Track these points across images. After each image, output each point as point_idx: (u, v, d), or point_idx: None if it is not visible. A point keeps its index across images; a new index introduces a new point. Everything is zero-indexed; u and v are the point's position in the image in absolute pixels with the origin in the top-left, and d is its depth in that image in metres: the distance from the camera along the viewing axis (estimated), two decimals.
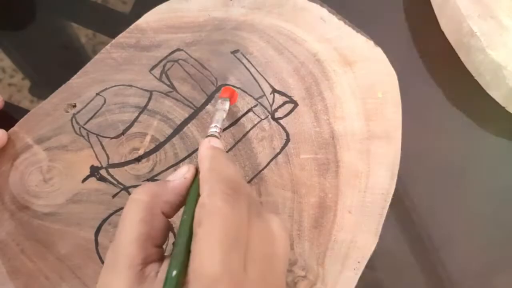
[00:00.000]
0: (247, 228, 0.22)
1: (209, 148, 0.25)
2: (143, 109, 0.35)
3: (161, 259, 0.23)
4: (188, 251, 0.21)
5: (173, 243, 0.31)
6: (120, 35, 0.38)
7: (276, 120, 0.35)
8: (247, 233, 0.21)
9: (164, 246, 0.24)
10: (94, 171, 0.34)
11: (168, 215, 0.24)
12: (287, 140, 0.35)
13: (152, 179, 0.34)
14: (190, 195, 0.24)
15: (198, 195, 0.23)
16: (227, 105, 0.32)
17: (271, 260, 0.22)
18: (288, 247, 0.23)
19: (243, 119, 0.35)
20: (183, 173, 0.25)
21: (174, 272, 0.20)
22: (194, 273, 0.20)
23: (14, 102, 0.41)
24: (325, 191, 0.34)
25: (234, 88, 0.35)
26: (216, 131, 0.29)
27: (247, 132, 0.35)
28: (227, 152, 0.34)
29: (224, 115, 0.31)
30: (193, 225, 0.21)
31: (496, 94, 0.41)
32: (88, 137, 0.34)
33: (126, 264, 0.21)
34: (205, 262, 0.20)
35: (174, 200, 0.24)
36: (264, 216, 0.23)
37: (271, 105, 0.36)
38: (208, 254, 0.20)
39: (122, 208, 0.33)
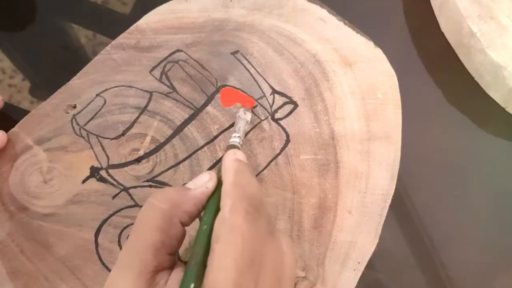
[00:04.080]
0: (263, 248, 0.22)
1: (234, 160, 0.25)
2: (143, 110, 0.35)
3: (172, 266, 0.22)
4: (204, 264, 0.21)
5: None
6: (120, 36, 0.38)
7: (276, 120, 0.35)
8: (262, 253, 0.21)
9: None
10: (94, 172, 0.34)
11: (185, 224, 0.24)
12: (287, 140, 0.35)
13: (152, 180, 0.34)
14: (209, 205, 0.24)
15: (218, 206, 0.22)
16: (249, 116, 0.32)
17: (280, 280, 0.22)
18: (296, 266, 0.23)
19: None
20: (204, 181, 0.24)
21: (192, 286, 0.20)
22: None
23: (14, 103, 0.41)
24: (325, 191, 0.34)
25: (235, 88, 0.35)
26: (238, 142, 0.28)
27: (247, 132, 0.35)
28: None
29: (246, 126, 0.31)
30: (211, 239, 0.21)
31: (496, 94, 0.41)
32: (88, 138, 0.34)
33: (138, 270, 0.21)
34: (219, 279, 0.20)
35: (193, 210, 0.24)
36: (276, 235, 0.23)
37: (271, 106, 0.36)
38: (223, 272, 0.20)
39: (122, 209, 0.33)
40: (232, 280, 0.19)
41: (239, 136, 0.29)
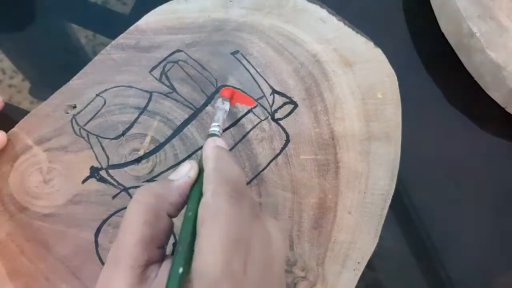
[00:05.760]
0: (248, 230, 0.22)
1: (215, 147, 0.25)
2: (143, 110, 0.35)
3: (162, 260, 0.23)
4: (191, 250, 0.21)
5: (173, 244, 0.31)
6: (120, 36, 0.38)
7: (276, 121, 0.35)
8: (248, 235, 0.22)
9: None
10: (94, 172, 0.34)
11: (172, 216, 0.24)
12: (287, 141, 0.35)
13: (152, 180, 0.34)
14: (192, 193, 0.24)
15: (201, 193, 0.23)
16: (227, 105, 0.32)
17: (269, 261, 0.22)
18: (284, 248, 0.24)
19: (243, 120, 0.35)
20: (186, 171, 0.25)
21: (181, 270, 0.20)
22: (197, 272, 0.20)
23: (14, 103, 0.41)
24: (325, 192, 0.34)
25: (234, 88, 0.35)
26: (218, 131, 0.29)
27: (247, 133, 0.35)
28: None
29: (225, 115, 0.31)
30: (196, 224, 0.22)
31: (496, 95, 0.41)
32: (88, 138, 0.34)
33: (128, 265, 0.21)
34: (207, 262, 0.20)
35: (179, 201, 0.24)
36: (262, 218, 0.24)
37: (271, 106, 0.36)
38: (210, 254, 0.20)
39: (122, 209, 0.33)
40: (220, 262, 0.20)
41: (218, 125, 0.29)
